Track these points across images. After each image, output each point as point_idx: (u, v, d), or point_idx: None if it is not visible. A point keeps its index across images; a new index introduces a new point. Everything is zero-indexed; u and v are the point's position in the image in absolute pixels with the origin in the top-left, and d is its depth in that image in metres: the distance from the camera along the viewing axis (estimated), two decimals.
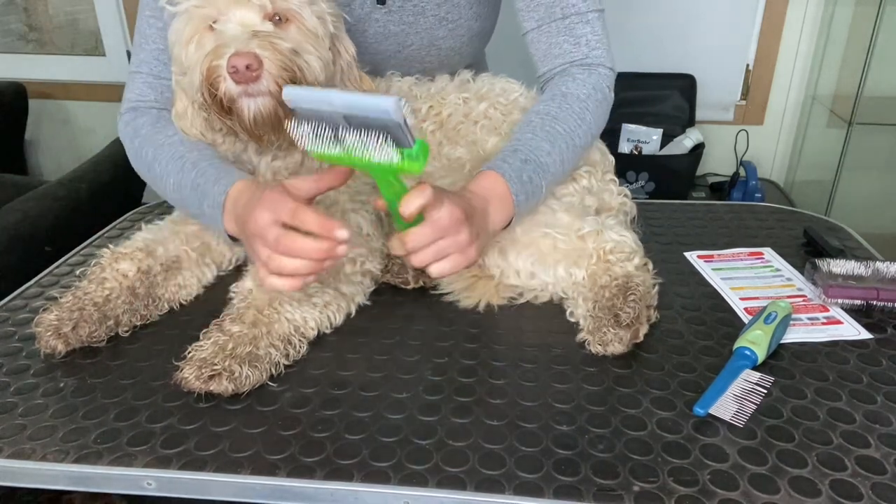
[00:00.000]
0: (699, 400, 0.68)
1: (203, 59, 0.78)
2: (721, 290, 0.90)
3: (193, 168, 0.85)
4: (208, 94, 0.79)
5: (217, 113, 0.81)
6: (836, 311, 0.83)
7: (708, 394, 0.68)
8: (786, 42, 2.19)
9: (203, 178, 0.84)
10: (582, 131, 0.89)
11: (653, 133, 2.19)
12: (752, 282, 0.91)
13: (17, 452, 0.66)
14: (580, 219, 0.87)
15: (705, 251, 0.99)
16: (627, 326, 0.76)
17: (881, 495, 0.58)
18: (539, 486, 0.60)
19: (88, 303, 0.81)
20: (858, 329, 0.80)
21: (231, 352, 0.73)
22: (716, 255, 0.98)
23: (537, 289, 0.87)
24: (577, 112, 0.89)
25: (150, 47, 0.93)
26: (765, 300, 0.83)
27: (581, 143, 0.90)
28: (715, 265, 0.95)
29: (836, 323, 0.81)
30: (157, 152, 0.89)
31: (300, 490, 0.62)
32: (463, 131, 0.96)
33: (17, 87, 2.47)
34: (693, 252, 0.99)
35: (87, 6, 2.54)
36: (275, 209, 0.71)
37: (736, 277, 0.92)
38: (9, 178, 2.19)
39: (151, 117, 0.93)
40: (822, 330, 0.80)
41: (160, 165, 0.88)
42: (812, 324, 0.81)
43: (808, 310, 0.84)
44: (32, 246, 1.39)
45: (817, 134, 2.21)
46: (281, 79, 0.76)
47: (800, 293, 0.87)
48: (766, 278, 0.92)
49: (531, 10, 0.94)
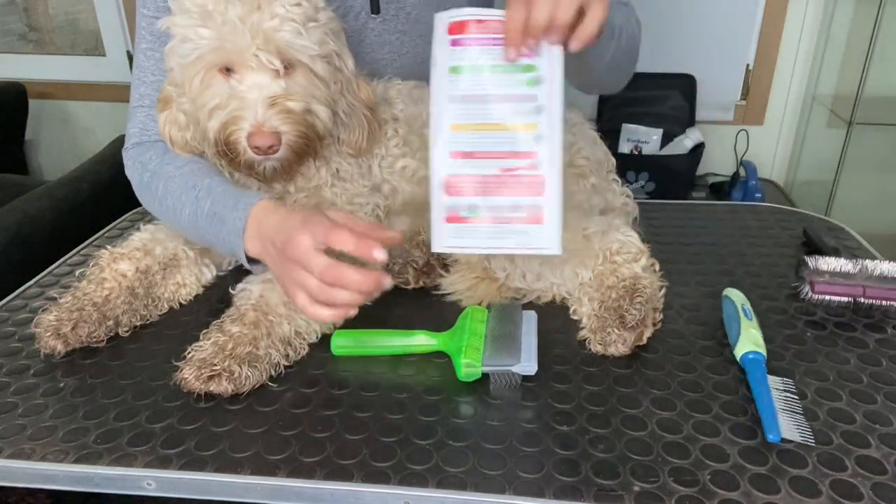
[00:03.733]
0: (765, 427, 0.65)
1: (219, 127, 0.78)
2: (437, 132, 0.70)
3: (208, 196, 0.83)
4: (224, 150, 0.79)
5: (232, 164, 0.82)
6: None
7: (766, 418, 0.65)
8: (786, 42, 2.19)
9: (220, 206, 0.82)
10: (629, 28, 0.85)
11: (653, 133, 2.19)
12: (485, 109, 0.70)
13: (17, 452, 0.66)
14: (587, 218, 0.87)
15: (458, 19, 0.69)
16: (632, 328, 0.76)
17: (881, 495, 0.58)
18: (539, 487, 0.60)
19: (88, 303, 0.82)
20: (550, 242, 0.72)
21: (231, 352, 0.73)
22: (469, 31, 0.69)
23: (541, 289, 0.87)
24: (625, 13, 0.86)
25: (151, 80, 0.92)
26: (482, 158, 0.70)
27: (630, 34, 0.86)
28: (458, 54, 0.69)
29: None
30: (167, 184, 0.87)
31: (300, 490, 0.62)
32: None
33: (17, 87, 2.47)
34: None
35: (87, 6, 2.54)
36: (314, 233, 0.70)
37: (470, 98, 0.70)
38: (9, 178, 2.19)
39: (158, 150, 0.91)
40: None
41: (173, 197, 0.86)
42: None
43: (519, 188, 0.71)
44: (32, 246, 1.39)
45: (817, 134, 2.21)
46: (297, 143, 0.79)
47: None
48: (505, 102, 0.70)
49: None
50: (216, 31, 0.75)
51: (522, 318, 0.80)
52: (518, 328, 0.78)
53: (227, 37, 0.75)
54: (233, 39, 0.75)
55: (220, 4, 0.75)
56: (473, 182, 0.71)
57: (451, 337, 0.77)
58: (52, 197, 1.55)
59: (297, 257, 0.71)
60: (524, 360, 0.72)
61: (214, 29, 0.75)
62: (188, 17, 0.76)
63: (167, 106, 0.86)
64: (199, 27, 0.76)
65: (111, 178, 1.71)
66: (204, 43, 0.76)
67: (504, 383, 0.72)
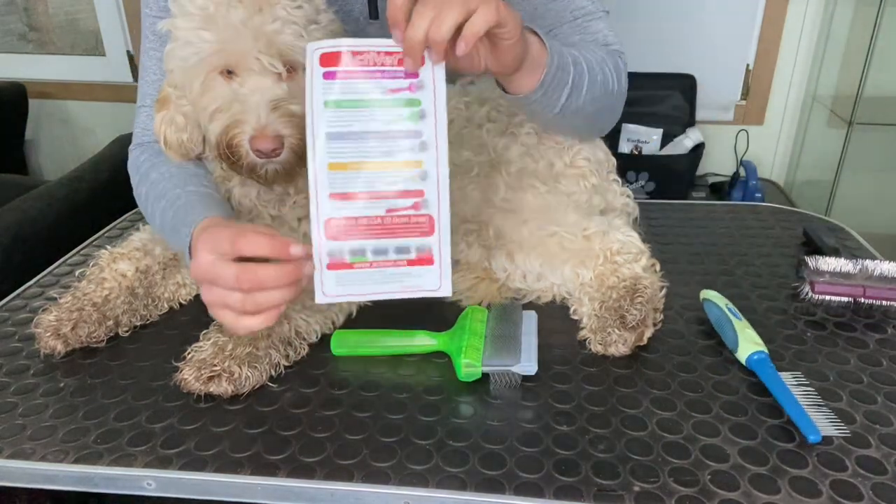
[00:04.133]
0: (802, 429, 0.64)
1: (221, 130, 0.77)
2: (314, 171, 0.66)
3: (171, 208, 0.81)
4: (226, 153, 0.79)
5: (233, 167, 0.81)
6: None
7: (800, 419, 0.65)
8: (786, 42, 2.19)
9: (178, 220, 0.80)
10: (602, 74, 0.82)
11: (653, 133, 2.19)
12: (365, 146, 0.66)
13: (17, 452, 0.66)
14: (587, 218, 0.87)
15: (332, 49, 0.64)
16: (633, 328, 0.76)
17: (881, 495, 0.58)
18: (539, 487, 0.60)
19: (87, 303, 0.81)
20: (440, 283, 0.69)
21: (230, 353, 0.73)
22: (343, 63, 0.64)
23: (541, 290, 0.87)
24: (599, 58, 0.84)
25: (152, 79, 0.92)
26: (364, 199, 0.66)
27: (600, 79, 0.82)
28: (333, 88, 0.65)
29: None
30: (149, 191, 0.87)
31: (300, 490, 0.62)
32: (467, 135, 0.95)
33: (17, 87, 2.47)
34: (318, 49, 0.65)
35: (87, 6, 2.54)
36: (214, 246, 0.66)
37: (348, 134, 0.65)
38: (9, 178, 2.19)
39: (151, 153, 0.91)
40: None
41: (150, 204, 0.86)
42: None
43: (406, 230, 0.68)
44: (32, 246, 1.39)
45: (817, 134, 2.21)
46: (300, 146, 0.77)
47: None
48: (387, 140, 0.66)
49: (538, 17, 0.92)
50: (218, 34, 0.75)
51: (522, 318, 0.80)
52: (518, 328, 0.78)
53: (228, 40, 0.75)
54: (235, 42, 0.75)
55: (221, 7, 0.74)
56: (357, 224, 0.67)
57: (451, 337, 0.77)
58: (52, 197, 1.55)
59: (205, 277, 0.67)
60: (524, 360, 0.72)
61: (216, 32, 0.75)
62: (189, 19, 0.76)
63: (164, 107, 0.86)
64: (200, 30, 0.75)
65: (111, 178, 1.71)
66: (206, 46, 0.75)
67: (504, 383, 0.72)
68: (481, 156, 0.93)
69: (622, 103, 0.92)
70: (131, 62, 2.54)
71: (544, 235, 0.86)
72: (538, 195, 0.89)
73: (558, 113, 0.80)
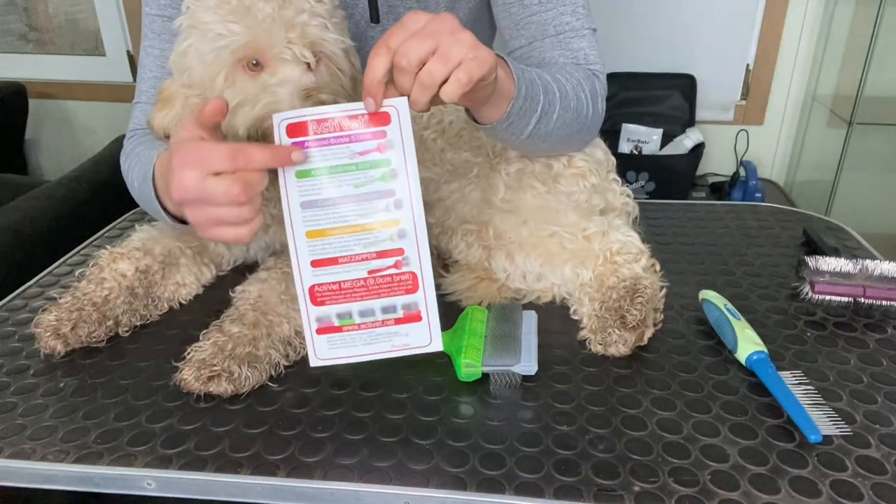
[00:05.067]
0: (803, 428, 0.64)
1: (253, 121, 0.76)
2: (293, 240, 0.66)
3: (137, 160, 0.82)
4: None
5: None
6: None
7: (800, 420, 0.65)
8: (786, 42, 2.19)
9: (146, 165, 0.80)
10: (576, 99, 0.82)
11: (653, 133, 2.19)
12: (339, 211, 0.67)
13: (17, 452, 0.66)
14: (587, 218, 0.87)
15: (298, 119, 0.66)
16: (633, 329, 0.76)
17: (881, 495, 0.58)
18: (539, 487, 0.60)
19: (87, 303, 0.81)
20: (431, 338, 0.70)
21: (230, 353, 0.73)
22: (311, 132, 0.66)
23: (541, 290, 0.87)
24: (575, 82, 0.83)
25: (148, 76, 0.93)
26: (345, 263, 0.67)
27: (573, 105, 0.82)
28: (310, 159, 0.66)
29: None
30: (131, 162, 0.88)
31: (300, 490, 0.62)
32: (465, 136, 0.96)
33: (17, 87, 2.47)
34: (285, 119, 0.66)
35: (87, 6, 2.54)
36: (202, 163, 0.62)
37: (321, 202, 0.66)
38: (9, 178, 2.19)
39: (140, 136, 0.92)
40: None
41: (132, 174, 0.87)
42: None
43: (390, 289, 0.68)
44: (32, 246, 1.39)
45: (817, 134, 2.21)
46: None
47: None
48: (362, 202, 0.66)
49: (520, 28, 0.91)
50: (248, 26, 0.76)
51: (522, 318, 0.80)
52: (518, 328, 0.78)
53: (260, 31, 0.75)
54: (268, 33, 0.75)
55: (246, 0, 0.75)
56: (340, 289, 0.68)
57: (451, 337, 0.77)
58: (52, 197, 1.55)
59: (193, 197, 0.64)
60: (524, 360, 0.72)
61: (246, 23, 0.76)
62: (213, 13, 0.76)
63: (168, 105, 0.86)
64: (230, 22, 0.76)
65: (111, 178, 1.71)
66: (235, 38, 0.76)
67: (504, 383, 0.72)
68: (480, 156, 0.93)
69: (598, 125, 0.91)
70: (131, 62, 2.54)
71: (544, 236, 0.86)
72: (538, 195, 0.89)
73: (525, 139, 0.80)
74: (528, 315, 0.81)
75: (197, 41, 0.78)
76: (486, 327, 0.78)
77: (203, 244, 0.94)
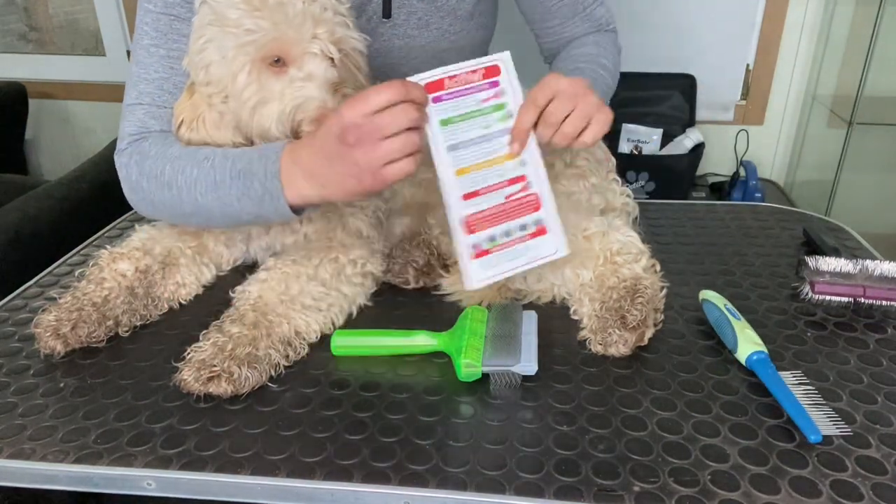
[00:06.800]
0: (803, 428, 0.64)
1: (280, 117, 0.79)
2: (445, 180, 0.77)
3: (226, 159, 0.81)
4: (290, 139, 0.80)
5: None
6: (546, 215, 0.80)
7: (800, 420, 0.65)
8: (786, 42, 2.19)
9: (243, 163, 0.79)
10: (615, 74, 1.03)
11: (653, 133, 2.19)
12: (476, 150, 0.78)
13: (17, 452, 0.66)
14: (587, 218, 0.87)
15: (434, 78, 0.76)
16: (633, 329, 0.76)
17: (881, 495, 0.58)
18: (539, 487, 0.60)
19: (87, 303, 0.81)
20: (557, 247, 0.79)
21: (230, 353, 0.73)
22: (446, 87, 0.77)
23: (541, 290, 0.87)
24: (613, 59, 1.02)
25: (152, 77, 0.89)
26: (487, 193, 0.77)
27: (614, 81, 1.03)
28: (443, 109, 0.77)
29: (541, 233, 0.79)
30: (174, 164, 0.84)
31: (300, 490, 0.62)
32: None
33: (17, 87, 2.47)
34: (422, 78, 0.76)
35: (87, 6, 2.54)
36: (365, 100, 0.70)
37: (462, 144, 0.77)
38: (9, 178, 2.19)
39: (157, 139, 0.88)
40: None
41: (184, 176, 0.83)
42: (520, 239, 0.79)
43: (522, 210, 0.79)
44: (32, 246, 1.39)
45: (817, 134, 2.21)
46: None
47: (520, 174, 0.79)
48: (491, 140, 0.78)
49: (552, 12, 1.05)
50: (276, 22, 0.77)
51: (522, 318, 0.80)
52: (518, 328, 0.78)
53: (289, 26, 0.77)
54: (297, 29, 0.77)
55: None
56: (486, 215, 0.77)
57: (451, 337, 0.77)
58: (52, 197, 1.55)
59: (364, 133, 0.70)
60: (524, 360, 0.72)
61: (274, 19, 0.77)
62: (237, 9, 0.77)
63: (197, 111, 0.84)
64: (258, 18, 0.77)
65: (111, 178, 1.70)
66: (261, 34, 0.77)
67: (504, 383, 0.72)
68: None
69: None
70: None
71: None
72: None
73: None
74: (528, 315, 0.81)
75: (218, 37, 0.78)
76: (487, 327, 0.78)
77: (203, 245, 0.94)
